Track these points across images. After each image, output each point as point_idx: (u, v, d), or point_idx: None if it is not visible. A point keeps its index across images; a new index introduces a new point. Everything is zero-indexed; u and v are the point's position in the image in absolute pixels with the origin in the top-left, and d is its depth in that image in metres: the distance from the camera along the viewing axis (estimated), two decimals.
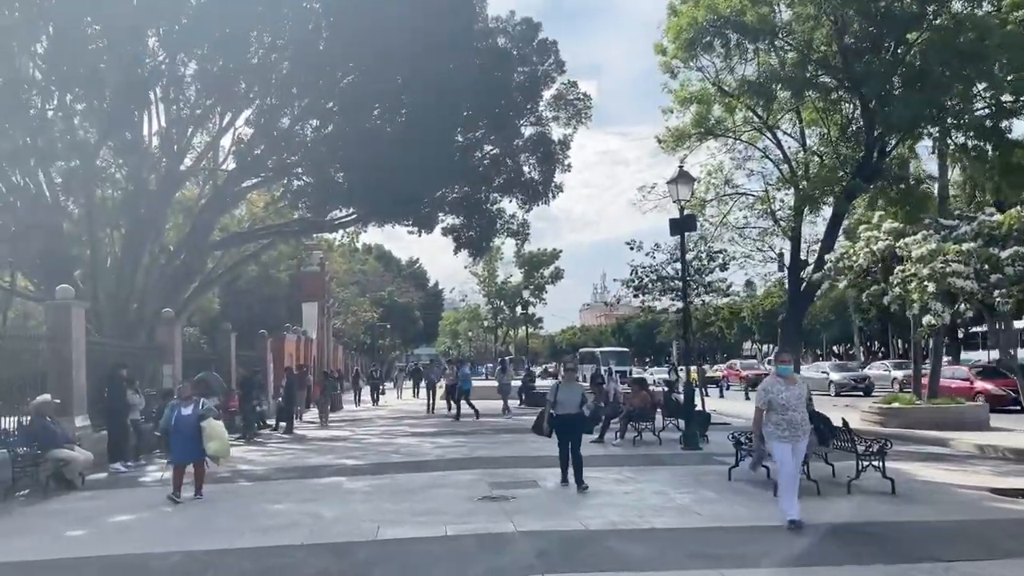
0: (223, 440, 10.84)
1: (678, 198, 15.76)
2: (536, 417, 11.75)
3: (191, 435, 10.57)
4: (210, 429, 10.62)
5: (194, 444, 10.55)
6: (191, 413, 10.76)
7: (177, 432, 10.66)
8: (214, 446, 10.61)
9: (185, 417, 10.74)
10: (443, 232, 27.91)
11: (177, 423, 10.69)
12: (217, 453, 10.69)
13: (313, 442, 18.51)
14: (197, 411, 10.77)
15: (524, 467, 13.02)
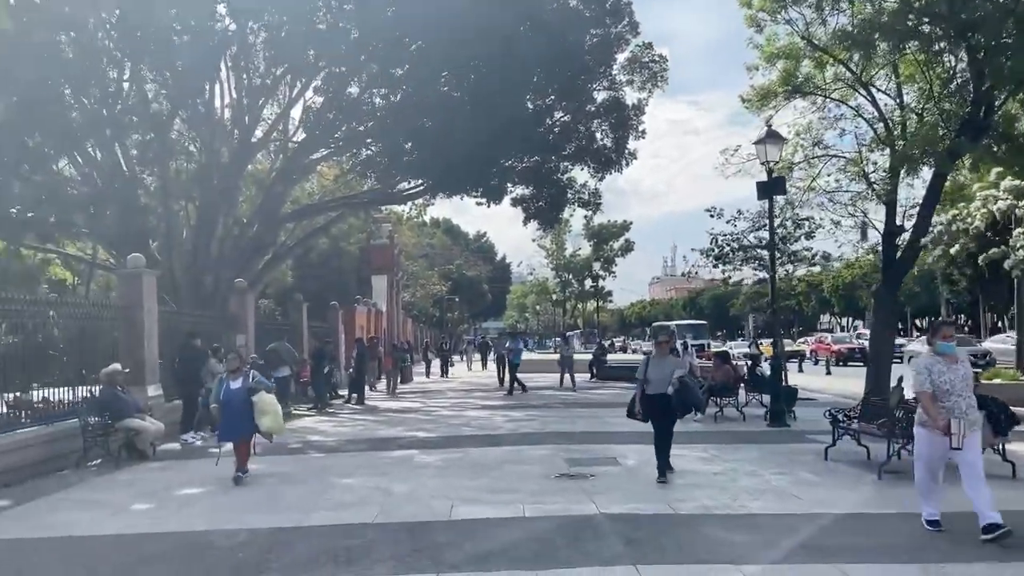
0: (276, 414, 10.06)
1: (766, 159, 14.70)
2: (631, 400, 10.18)
3: (241, 410, 9.80)
4: (261, 403, 9.85)
5: (244, 419, 9.78)
6: (240, 387, 9.97)
7: (227, 407, 9.89)
8: (267, 421, 9.87)
9: (234, 391, 9.96)
10: (512, 203, 27.25)
11: (226, 397, 9.92)
12: (270, 429, 9.98)
13: (384, 413, 18.20)
14: (247, 384, 9.98)
15: (601, 443, 12.35)
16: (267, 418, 9.85)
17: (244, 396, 9.84)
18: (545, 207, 26.94)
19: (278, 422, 10.09)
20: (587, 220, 61.25)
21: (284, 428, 10.63)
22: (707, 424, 14.80)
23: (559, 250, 64.73)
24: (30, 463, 10.70)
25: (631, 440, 12.49)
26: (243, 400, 9.82)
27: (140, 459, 11.77)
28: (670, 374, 9.48)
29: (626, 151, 26.53)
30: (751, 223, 21.00)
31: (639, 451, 11.40)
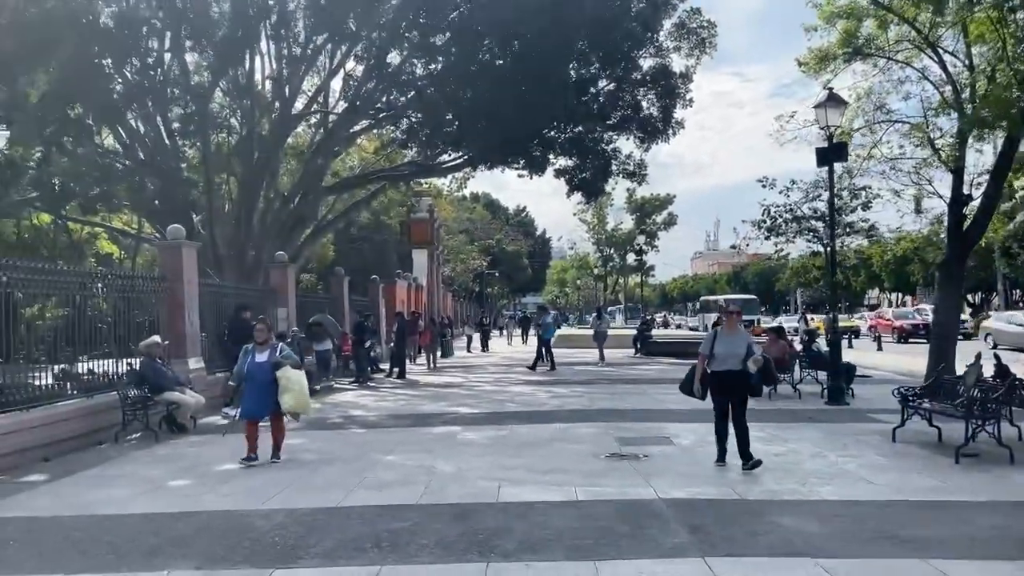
0: (301, 392, 9.15)
1: (826, 124, 13.87)
2: (686, 375, 9.21)
3: (265, 385, 9.02)
4: (286, 379, 8.99)
5: (268, 396, 9.00)
6: (266, 360, 9.14)
7: (250, 381, 9.17)
8: (289, 399, 8.99)
9: (259, 364, 9.15)
10: (555, 174, 26.61)
11: (250, 371, 9.17)
12: (294, 408, 9.14)
13: (425, 388, 17.85)
14: (273, 357, 9.16)
15: (652, 421, 11.81)
16: (289, 395, 8.99)
17: (269, 371, 9.07)
18: (589, 178, 26.26)
19: (302, 400, 9.20)
20: (630, 193, 60.30)
21: (310, 407, 9.74)
22: (761, 402, 14.10)
23: (600, 224, 63.77)
24: (71, 436, 10.50)
25: (683, 418, 11.98)
26: (268, 375, 9.06)
27: (180, 433, 11.55)
28: (743, 350, 8.50)
29: (673, 120, 25.72)
30: (804, 193, 20.21)
31: (693, 430, 10.88)
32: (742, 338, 8.86)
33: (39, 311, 13.38)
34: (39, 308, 13.21)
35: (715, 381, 8.64)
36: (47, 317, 13.49)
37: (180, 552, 5.74)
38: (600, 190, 27.39)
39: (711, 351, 8.66)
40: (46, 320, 13.43)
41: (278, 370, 9.03)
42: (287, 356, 9.33)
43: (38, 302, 12.63)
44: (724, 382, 8.57)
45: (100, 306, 13.94)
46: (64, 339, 11.88)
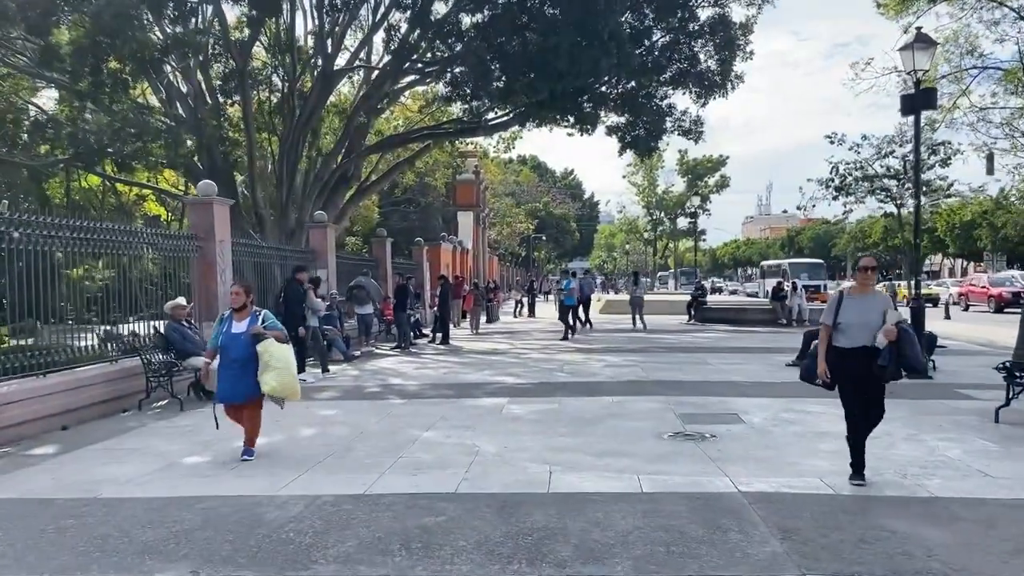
0: (287, 371, 7.27)
1: (913, 68, 12.41)
2: (806, 355, 7.31)
3: (243, 362, 7.21)
4: (268, 355, 7.16)
5: (247, 375, 7.20)
6: (244, 331, 7.26)
7: (224, 356, 7.35)
8: (271, 379, 7.15)
9: (235, 336, 7.29)
10: (607, 132, 25.29)
11: (225, 344, 7.33)
12: (275, 390, 7.24)
13: (469, 355, 16.94)
14: (254, 327, 7.30)
15: (715, 395, 10.70)
16: (272, 374, 7.14)
17: (248, 344, 7.23)
18: (642, 136, 24.86)
19: (287, 382, 7.29)
20: (681, 155, 58.46)
21: (298, 390, 7.60)
22: None
23: (651, 187, 62.01)
24: (93, 403, 9.83)
25: (749, 392, 10.87)
26: (246, 349, 7.23)
27: (208, 400, 10.79)
28: (878, 318, 6.18)
29: (732, 73, 24.16)
30: (876, 150, 18.71)
31: (762, 406, 9.76)
32: (877, 302, 6.38)
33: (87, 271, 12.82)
34: (86, 269, 12.63)
35: (839, 362, 6.32)
36: (96, 278, 12.99)
37: (177, 551, 4.87)
38: (653, 148, 25.96)
39: (835, 320, 6.36)
40: (96, 281, 12.92)
41: (259, 343, 7.22)
42: (271, 326, 7.47)
43: (84, 262, 12.00)
44: (852, 364, 6.25)
45: (147, 267, 13.39)
46: (114, 300, 11.41)
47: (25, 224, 9.20)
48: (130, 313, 12.50)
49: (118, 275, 11.68)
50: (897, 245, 53.31)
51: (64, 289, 10.92)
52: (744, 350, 17.00)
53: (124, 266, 12.18)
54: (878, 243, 54.67)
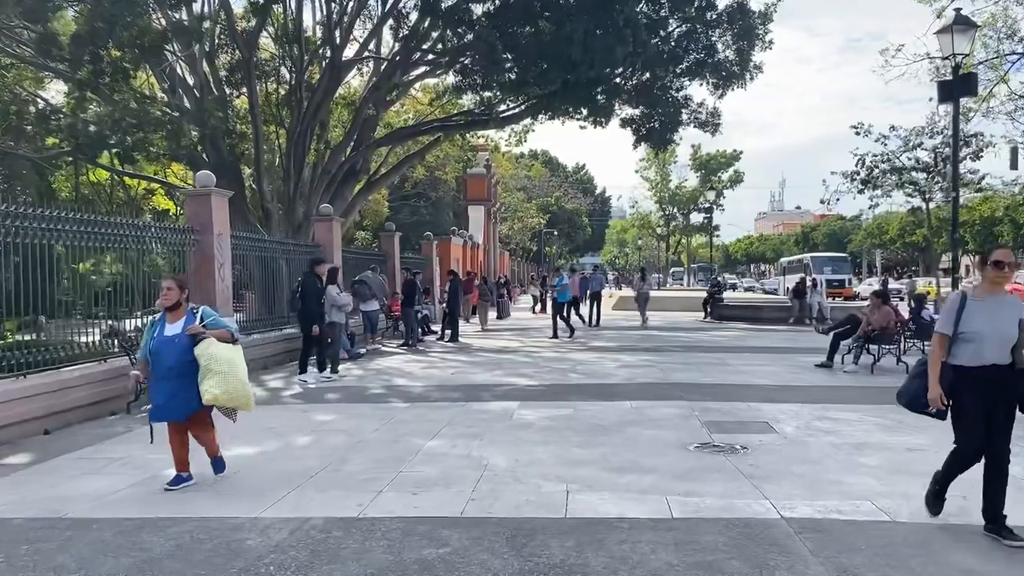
0: (233, 376, 6.02)
1: (952, 52, 11.60)
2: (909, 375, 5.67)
3: (181, 370, 5.97)
4: (207, 357, 5.93)
5: (187, 385, 5.98)
6: (180, 332, 6.02)
7: (157, 365, 6.04)
8: (213, 386, 5.91)
9: (168, 340, 6.03)
10: (621, 124, 24.54)
11: (157, 349, 6.04)
12: (219, 400, 6.01)
13: (479, 353, 16.24)
14: (191, 327, 6.03)
15: (741, 399, 9.95)
16: (212, 380, 5.91)
17: (185, 347, 5.99)
18: (658, 128, 24.09)
19: (232, 388, 6.00)
20: (694, 150, 57.51)
21: (250, 399, 6.29)
22: (861, 377, 12.17)
23: (663, 182, 61.08)
24: (79, 405, 9.20)
25: (777, 397, 10.12)
26: (183, 354, 5.98)
27: None
28: (1013, 329, 4.89)
29: (751, 63, 23.36)
30: (903, 142, 17.88)
31: (793, 413, 9.01)
32: (1012, 307, 5.00)
33: (93, 266, 12.26)
34: (93, 263, 12.07)
35: (964, 382, 4.95)
36: (104, 273, 12.45)
37: None
38: (669, 141, 25.17)
39: (956, 327, 4.96)
40: (104, 276, 12.36)
41: (198, 347, 5.97)
42: (213, 324, 6.23)
43: (91, 256, 11.41)
44: (987, 384, 4.90)
45: (156, 261, 12.88)
46: (121, 295, 11.02)
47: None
48: (143, 307, 11.89)
49: (126, 269, 11.12)
50: (915, 242, 52.21)
51: (64, 283, 10.34)
52: (766, 350, 16.24)
53: (132, 260, 11.60)
54: (895, 239, 53.54)
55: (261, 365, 13.99)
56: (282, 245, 16.98)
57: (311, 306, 12.15)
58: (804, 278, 25.17)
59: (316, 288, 12.30)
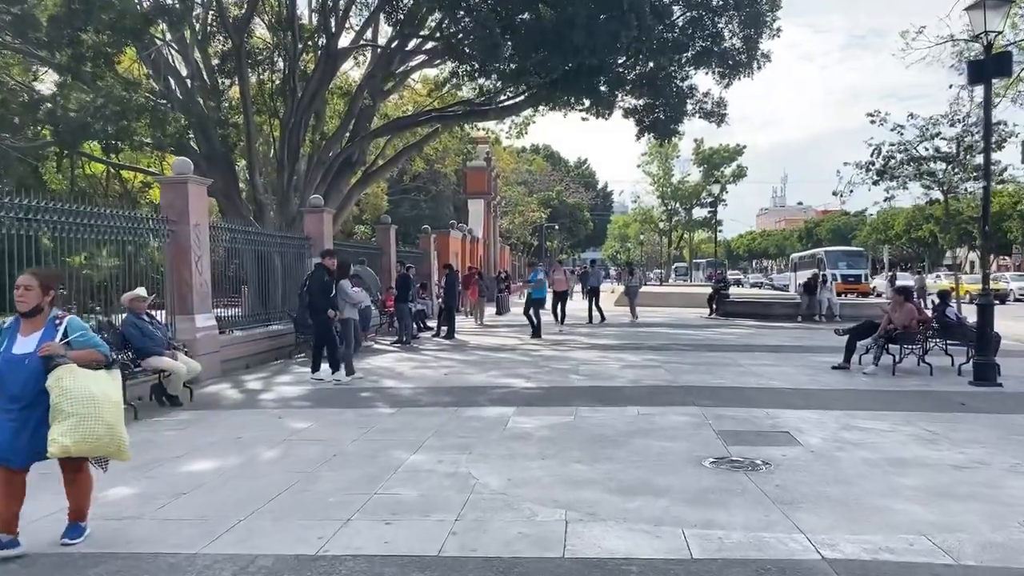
0: (91, 420, 4.39)
1: (984, 30, 10.66)
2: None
3: (30, 400, 4.42)
4: (59, 392, 4.36)
5: (34, 422, 4.43)
6: (33, 351, 4.44)
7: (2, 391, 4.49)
8: (60, 435, 4.34)
9: (16, 361, 4.44)
10: (624, 114, 23.66)
11: (4, 371, 4.45)
12: (69, 451, 4.39)
13: (475, 351, 15.35)
14: (49, 345, 4.45)
15: (757, 405, 9.06)
16: (62, 427, 4.35)
17: (37, 372, 4.42)
18: (662, 118, 23.18)
19: (88, 435, 4.40)
20: (697, 144, 56.54)
21: (121, 447, 4.65)
22: (882, 379, 11.26)
23: (666, 176, 60.04)
24: None
25: (796, 401, 9.24)
26: (34, 379, 4.42)
27: (172, 406, 9.29)
28: None
29: (758, 52, 22.43)
30: (920, 132, 16.93)
31: (816, 421, 8.13)
32: None
33: (87, 260, 11.43)
34: (86, 257, 11.25)
35: None
36: (100, 267, 11.63)
37: None
38: (673, 131, 24.20)
39: None
40: (99, 270, 11.54)
41: (53, 373, 4.40)
42: (80, 341, 4.58)
43: (86, 249, 10.57)
44: None
45: (152, 255, 12.44)
46: (116, 290, 10.41)
47: None
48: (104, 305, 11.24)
49: (98, 262, 10.28)
50: (921, 237, 51.20)
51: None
52: (777, 349, 15.34)
53: (112, 252, 10.77)
54: (900, 235, 52.55)
55: (243, 364, 13.15)
56: (271, 237, 16.09)
57: (320, 303, 11.20)
58: (817, 273, 24.20)
59: (325, 282, 11.34)
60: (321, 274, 11.40)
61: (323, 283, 11.33)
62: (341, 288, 11.51)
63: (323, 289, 11.24)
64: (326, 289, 11.25)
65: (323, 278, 11.35)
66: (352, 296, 11.71)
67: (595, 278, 24.19)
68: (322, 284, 11.32)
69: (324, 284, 11.28)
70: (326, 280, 11.34)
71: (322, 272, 11.42)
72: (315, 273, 11.54)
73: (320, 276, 11.40)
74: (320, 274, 11.41)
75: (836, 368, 12.22)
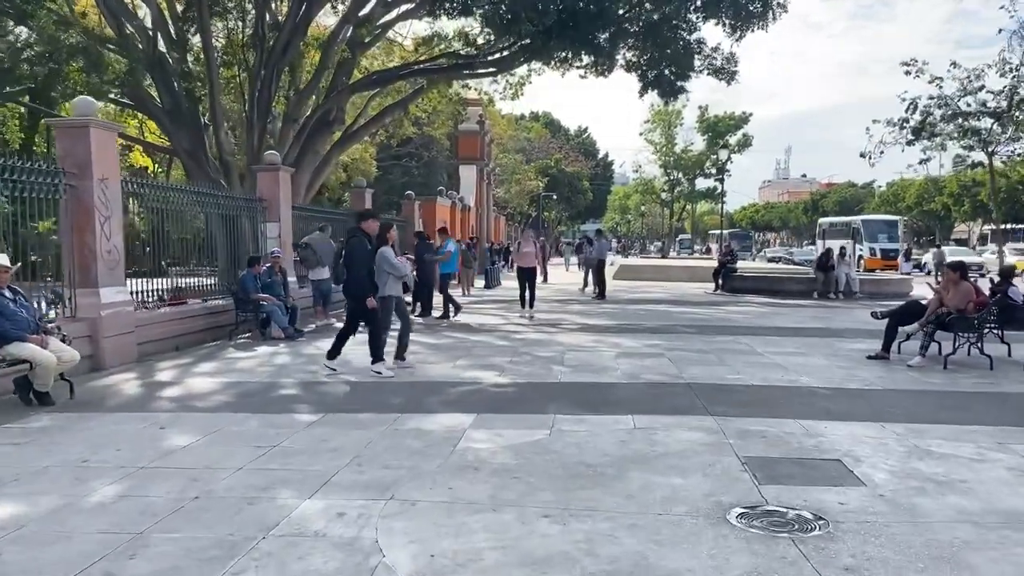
0: None
1: None
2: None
3: None
4: None
5: None
6: None
7: None
8: None
9: None
10: (626, 67, 21.33)
11: None
12: None
13: (449, 332, 13.20)
14: None
15: (788, 413, 6.91)
16: None
17: None
18: (667, 74, 20.85)
19: None
20: (701, 112, 53.96)
21: None
22: (934, 374, 9.12)
23: (668, 145, 57.46)
24: None
25: (836, 407, 7.13)
26: None
27: (41, 405, 7.18)
28: None
29: (774, 1, 20.03)
30: (961, 85, 14.63)
31: (872, 441, 6.02)
32: None
33: None
34: None
35: None
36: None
37: None
38: (680, 89, 21.81)
39: None
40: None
41: None
42: None
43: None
44: None
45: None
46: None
47: None
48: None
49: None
50: (933, 210, 48.82)
51: None
52: (797, 332, 13.17)
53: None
54: (912, 207, 50.12)
55: (173, 346, 11.04)
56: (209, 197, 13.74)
57: (360, 275, 8.79)
58: (830, 249, 21.84)
59: (366, 252, 8.80)
60: (362, 243, 8.85)
61: (366, 253, 8.83)
62: (382, 257, 9.03)
63: (365, 260, 8.77)
64: (368, 259, 8.79)
65: (364, 247, 8.81)
66: (397, 267, 9.24)
67: (599, 250, 21.45)
68: (364, 254, 8.83)
69: (366, 254, 8.87)
70: (368, 249, 8.84)
71: (362, 240, 8.86)
72: (352, 241, 8.94)
73: (362, 245, 8.84)
74: (361, 243, 8.85)
75: (873, 358, 10.09)
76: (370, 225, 9.08)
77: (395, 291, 9.31)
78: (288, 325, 11.96)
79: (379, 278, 9.05)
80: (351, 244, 8.89)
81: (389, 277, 9.14)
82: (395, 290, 9.31)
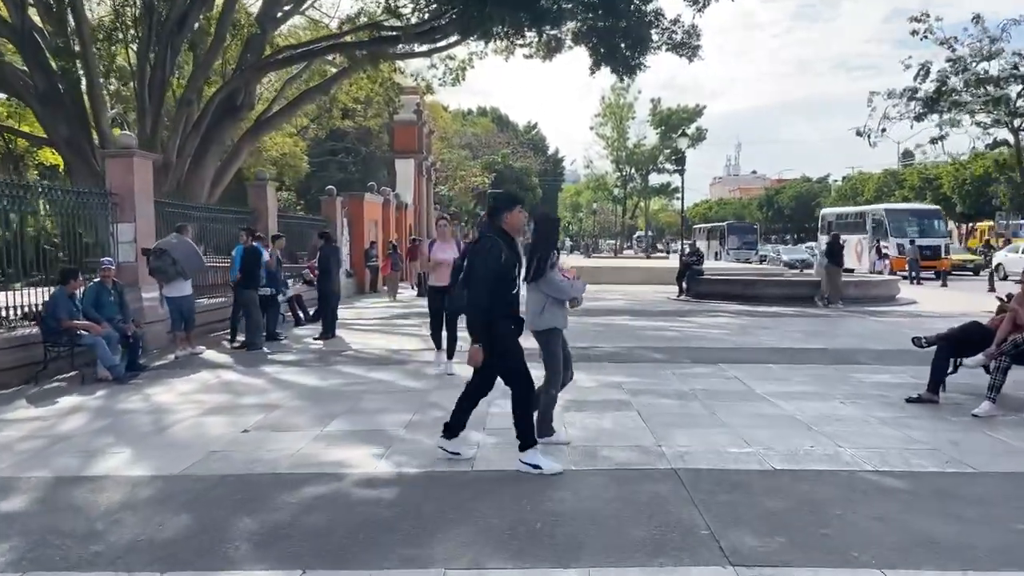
0: None
1: None
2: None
3: None
4: None
5: None
6: None
7: None
8: None
9: None
10: (574, 38, 18.37)
11: None
12: None
13: (340, 365, 9.90)
14: None
15: (850, 544, 3.85)
16: None
17: None
18: (622, 47, 17.91)
19: None
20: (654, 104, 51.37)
21: None
22: (1016, 428, 6.18)
23: (620, 139, 54.71)
24: None
25: (934, 530, 3.94)
26: None
27: None
28: None
29: None
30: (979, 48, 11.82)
31: None
32: None
33: None
34: None
35: None
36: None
37: None
38: (637, 65, 18.80)
39: None
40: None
41: None
42: None
43: None
44: None
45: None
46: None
47: None
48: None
49: None
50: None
51: None
52: (795, 356, 10.11)
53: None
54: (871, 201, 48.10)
55: None
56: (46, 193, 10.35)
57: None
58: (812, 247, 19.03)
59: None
60: (496, 247, 5.02)
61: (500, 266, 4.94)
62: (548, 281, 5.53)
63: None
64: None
65: (499, 256, 4.96)
66: (563, 289, 5.62)
67: None
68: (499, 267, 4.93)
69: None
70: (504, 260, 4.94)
71: (496, 243, 5.02)
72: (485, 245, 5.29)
73: (495, 250, 4.99)
74: (494, 246, 5.03)
75: (914, 401, 7.15)
76: (515, 219, 5.14)
77: (558, 322, 5.71)
78: (118, 363, 8.58)
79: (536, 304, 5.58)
80: (487, 252, 4.97)
81: (548, 300, 5.61)
82: (558, 320, 5.71)
